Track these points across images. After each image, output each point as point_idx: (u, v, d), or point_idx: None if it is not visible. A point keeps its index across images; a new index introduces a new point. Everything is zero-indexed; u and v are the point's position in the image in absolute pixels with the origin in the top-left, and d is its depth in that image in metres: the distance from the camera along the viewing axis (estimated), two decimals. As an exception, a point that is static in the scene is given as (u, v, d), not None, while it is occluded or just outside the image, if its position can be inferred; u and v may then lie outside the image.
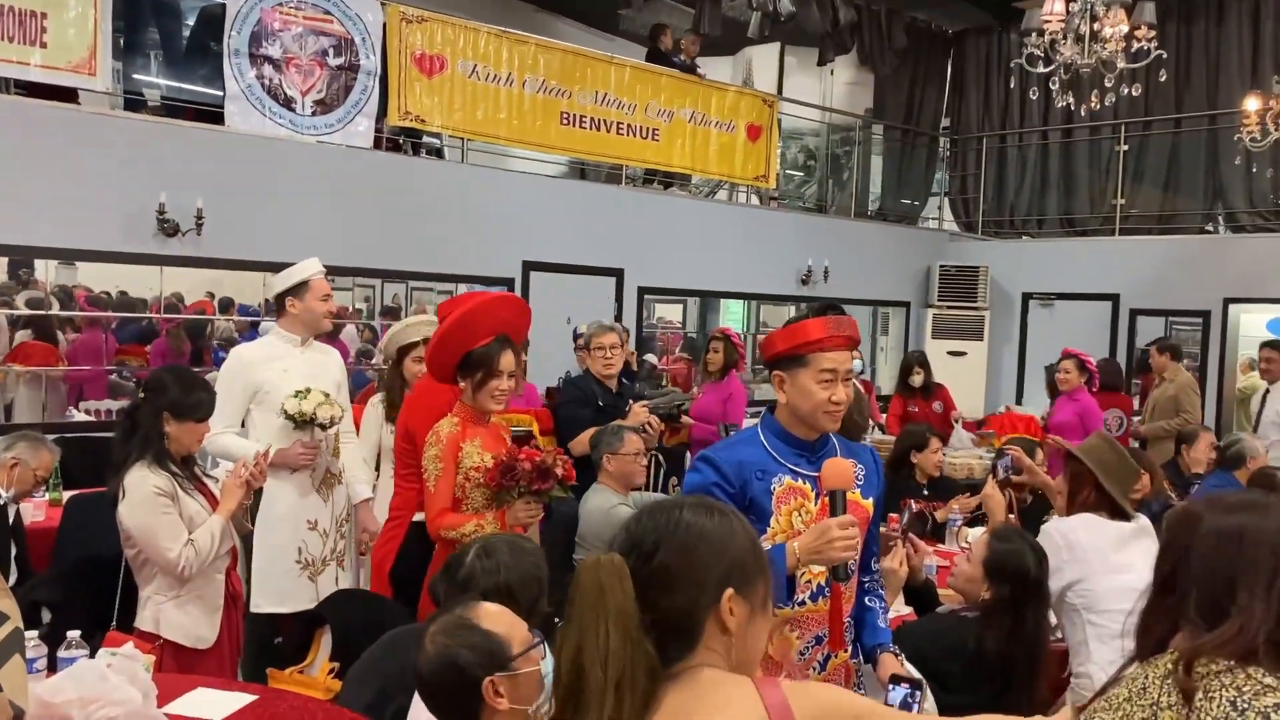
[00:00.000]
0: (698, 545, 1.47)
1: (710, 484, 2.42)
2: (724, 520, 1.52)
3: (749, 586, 1.49)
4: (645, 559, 1.46)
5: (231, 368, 4.17)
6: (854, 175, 11.70)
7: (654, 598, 1.44)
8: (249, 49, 6.59)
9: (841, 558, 2.28)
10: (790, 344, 2.47)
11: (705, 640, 1.46)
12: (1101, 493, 3.38)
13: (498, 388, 3.46)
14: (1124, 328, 10.13)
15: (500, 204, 7.75)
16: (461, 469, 3.38)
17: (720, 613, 1.45)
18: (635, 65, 8.77)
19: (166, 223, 6.08)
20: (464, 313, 3.47)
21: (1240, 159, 9.36)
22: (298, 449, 4.07)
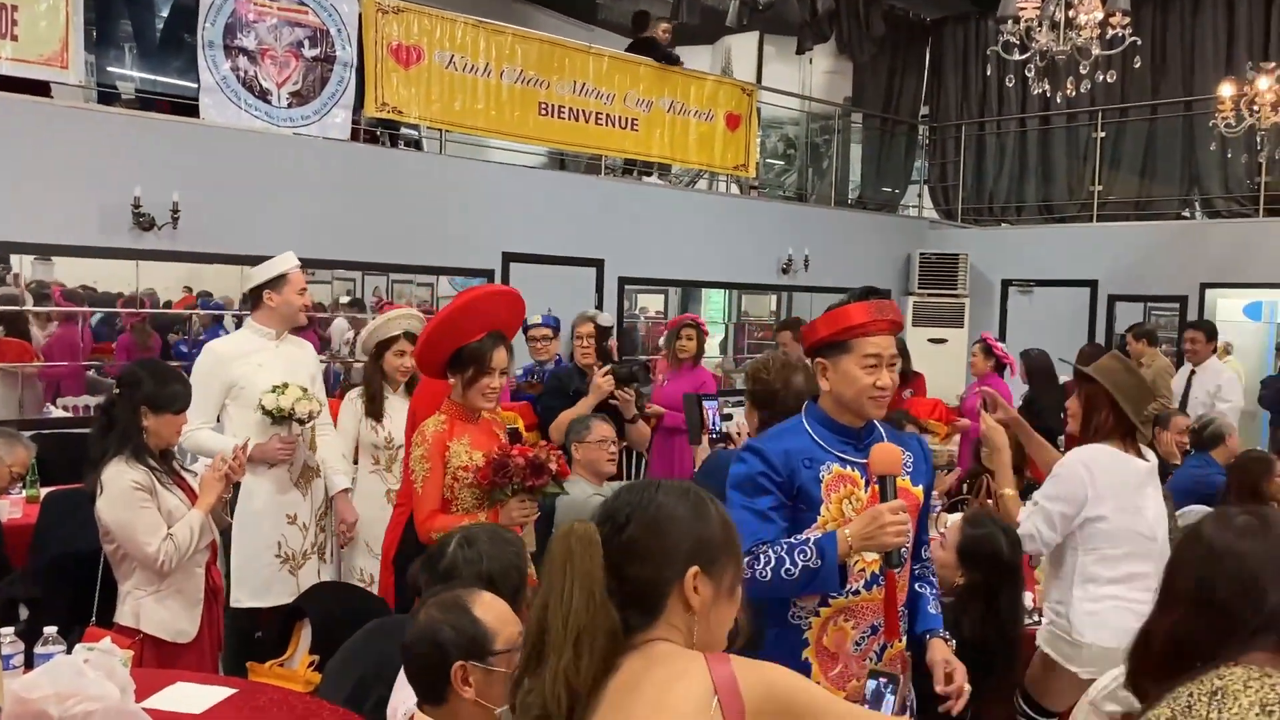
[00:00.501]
0: (667, 522, 1.54)
1: (756, 473, 2.39)
2: (698, 505, 1.57)
3: (715, 567, 1.54)
4: (618, 530, 1.53)
5: (206, 363, 4.14)
6: (833, 164, 11.72)
7: (622, 566, 1.51)
8: (223, 41, 6.54)
9: (894, 543, 2.26)
10: (832, 329, 2.44)
11: (668, 615, 1.52)
12: (1119, 415, 3.32)
13: (489, 385, 3.37)
14: (1102, 313, 10.20)
15: (479, 195, 7.73)
16: (449, 469, 3.30)
17: (684, 589, 1.51)
18: (613, 55, 8.76)
19: (142, 217, 6.04)
20: (457, 307, 3.39)
21: (1215, 145, 9.44)
22: (276, 444, 4.05)
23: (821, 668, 2.42)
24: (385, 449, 4.45)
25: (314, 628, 3.15)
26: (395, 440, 4.40)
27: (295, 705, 2.59)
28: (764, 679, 1.49)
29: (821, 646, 2.42)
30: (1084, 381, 3.44)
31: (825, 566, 2.26)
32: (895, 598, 2.44)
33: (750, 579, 2.25)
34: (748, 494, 2.41)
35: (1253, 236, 9.50)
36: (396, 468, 4.35)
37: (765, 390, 3.23)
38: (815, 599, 2.40)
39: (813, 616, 2.42)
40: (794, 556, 2.28)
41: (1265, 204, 9.76)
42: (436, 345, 3.40)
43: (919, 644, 2.54)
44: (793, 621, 2.43)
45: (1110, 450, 3.33)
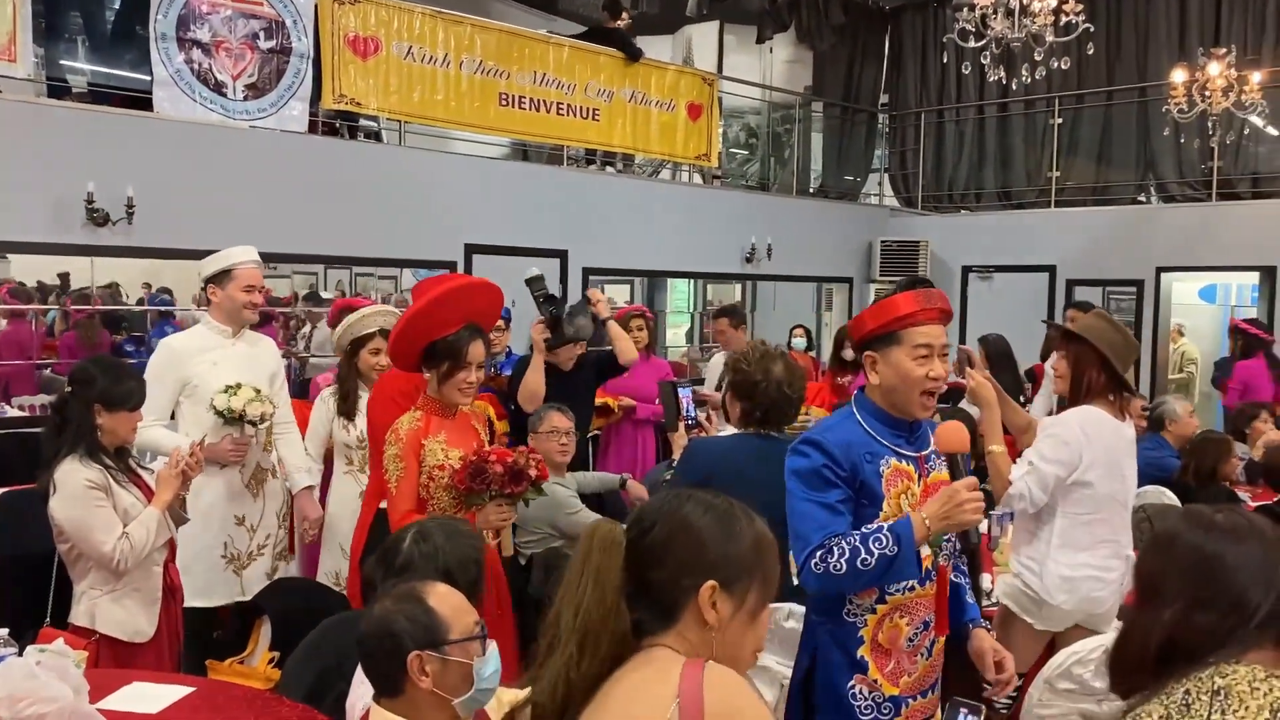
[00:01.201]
0: (689, 532, 1.55)
1: (820, 466, 2.34)
2: (728, 520, 1.58)
3: (736, 585, 1.54)
4: (643, 533, 1.57)
5: (160, 360, 4.03)
6: (795, 153, 11.76)
7: (641, 569, 1.55)
8: (177, 33, 6.44)
9: (973, 520, 2.24)
10: (881, 321, 2.40)
11: (681, 625, 1.53)
12: (1110, 373, 3.34)
13: (465, 380, 3.24)
14: (1061, 298, 10.31)
15: (440, 186, 7.68)
16: (424, 467, 3.17)
17: (700, 602, 1.51)
18: (574, 45, 8.72)
19: (96, 212, 5.95)
20: (431, 299, 3.25)
21: (1169, 130, 9.57)
22: (227, 445, 3.96)
23: (876, 664, 2.40)
24: (359, 449, 4.31)
25: (273, 624, 3.13)
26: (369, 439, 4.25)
27: (254, 702, 2.57)
28: (731, 696, 1.47)
29: (876, 643, 2.39)
30: (1071, 342, 3.46)
31: (903, 553, 2.23)
32: (946, 592, 2.42)
33: (824, 573, 2.26)
34: (814, 487, 2.35)
35: (1207, 220, 9.65)
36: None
37: (746, 381, 3.23)
38: (873, 595, 2.37)
39: (868, 614, 2.39)
40: (869, 546, 2.24)
41: (1218, 188, 9.91)
42: (410, 339, 3.27)
43: (961, 633, 2.53)
44: (848, 619, 2.40)
45: (1103, 414, 3.36)
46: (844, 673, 2.40)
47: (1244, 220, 9.46)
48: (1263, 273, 9.35)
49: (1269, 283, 9.27)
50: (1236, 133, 9.68)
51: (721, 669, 1.49)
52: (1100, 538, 3.37)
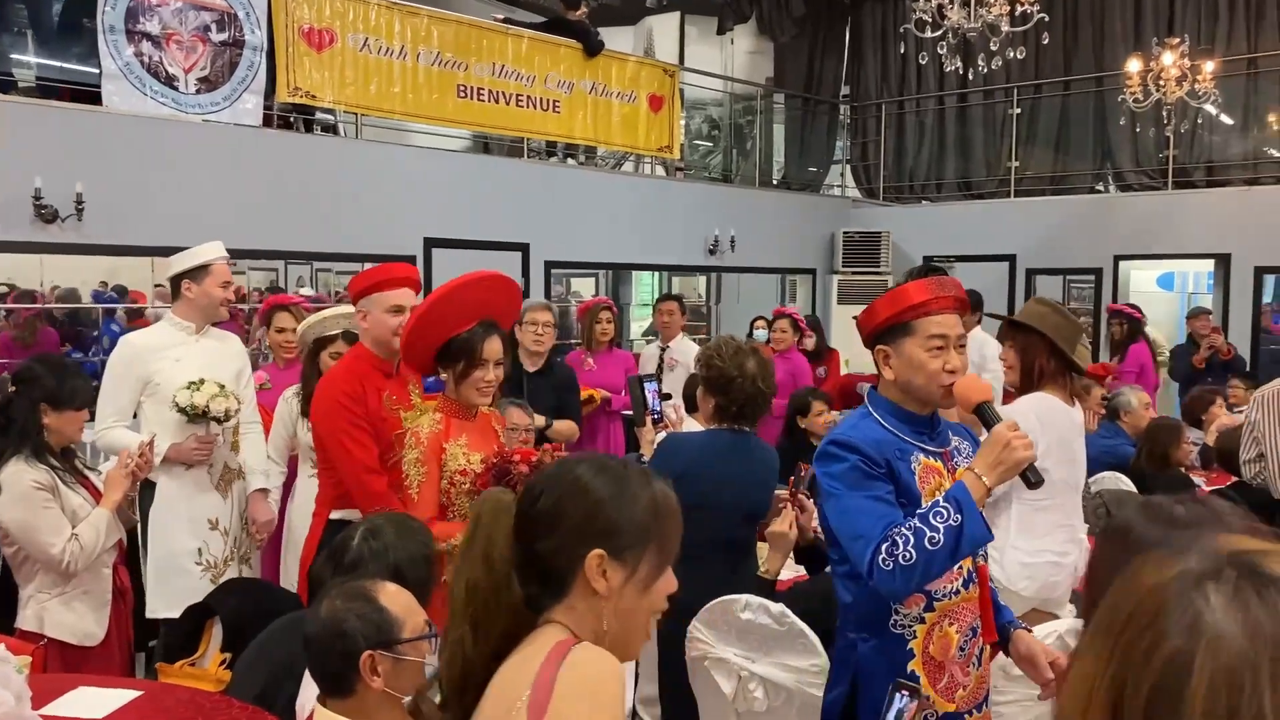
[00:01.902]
0: (576, 498, 1.50)
1: (856, 463, 2.19)
2: (623, 484, 1.52)
3: (627, 552, 1.48)
4: (533, 501, 1.52)
5: (121, 357, 3.90)
6: (757, 144, 11.77)
7: (530, 539, 1.51)
8: (125, 25, 6.33)
9: (1027, 457, 2.09)
10: (892, 311, 2.27)
11: (572, 596, 1.49)
12: (1059, 357, 3.34)
13: (482, 379, 3.10)
14: (1021, 287, 10.41)
15: (399, 180, 7.60)
16: (446, 472, 3.05)
17: (587, 571, 1.47)
18: (533, 36, 8.67)
19: (44, 209, 5.83)
20: (442, 295, 3.12)
21: (1125, 120, 9.67)
22: (192, 444, 3.83)
23: (930, 680, 2.23)
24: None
25: (225, 626, 3.08)
26: None
27: (203, 704, 2.53)
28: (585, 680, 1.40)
29: (928, 656, 2.23)
30: (1017, 331, 3.47)
31: (968, 516, 2.06)
32: (989, 594, 2.30)
33: (894, 568, 2.07)
34: (857, 485, 2.19)
35: (1163, 209, 9.76)
36: None
37: (721, 376, 3.22)
38: (920, 602, 2.21)
39: (918, 624, 2.23)
40: (931, 523, 2.06)
41: (1174, 177, 10.04)
42: (422, 336, 3.12)
43: (1002, 636, 2.35)
44: (895, 631, 2.23)
45: (1056, 400, 3.38)
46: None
47: (1199, 208, 9.59)
48: (1218, 260, 9.48)
49: (1224, 270, 9.40)
50: (1191, 122, 9.80)
51: (589, 653, 1.43)
52: (1056, 523, 3.40)
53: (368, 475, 3.31)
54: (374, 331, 3.47)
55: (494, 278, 3.30)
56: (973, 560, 2.26)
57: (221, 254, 4.05)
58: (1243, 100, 9.90)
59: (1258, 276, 9.23)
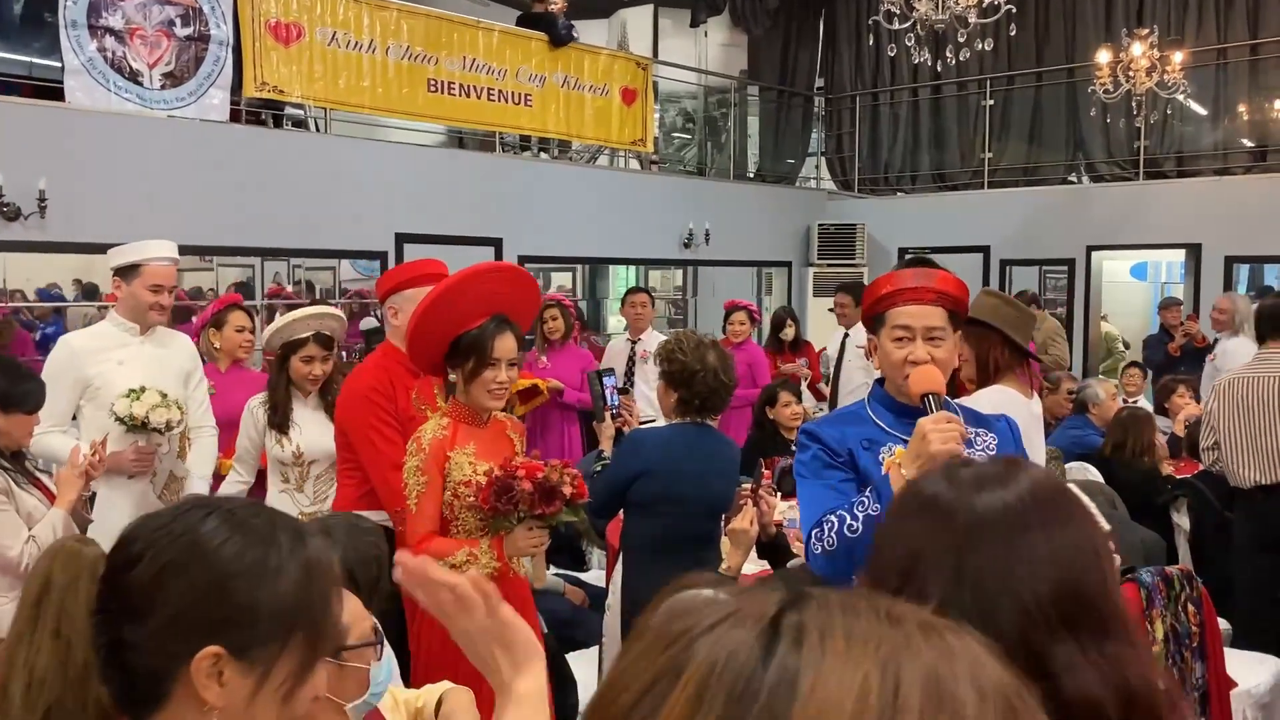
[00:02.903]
0: (190, 567, 1.07)
1: (816, 452, 2.28)
2: (264, 550, 1.09)
3: (258, 650, 1.06)
4: (126, 566, 1.08)
5: (58, 359, 3.71)
6: (732, 137, 11.75)
7: (119, 621, 1.06)
8: (88, 20, 6.25)
9: (941, 450, 2.03)
10: (867, 301, 2.34)
11: (173, 707, 1.06)
12: (1012, 347, 3.35)
13: (494, 380, 2.84)
14: (995, 278, 10.44)
15: (369, 175, 7.55)
16: (449, 482, 2.81)
17: (194, 675, 1.04)
18: (504, 30, 8.62)
19: (6, 206, 5.76)
20: (449, 286, 2.87)
21: (1097, 111, 9.70)
22: (130, 454, 3.63)
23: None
24: (295, 465, 3.84)
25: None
26: (306, 455, 3.82)
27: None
28: None
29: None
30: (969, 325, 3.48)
31: (885, 507, 2.02)
32: None
33: (822, 552, 2.16)
34: (814, 473, 2.29)
35: (1135, 199, 9.81)
36: (310, 486, 3.84)
37: (684, 370, 3.22)
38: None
39: None
40: (854, 511, 2.13)
41: (1145, 167, 10.09)
42: (428, 332, 2.89)
43: None
44: None
45: (1014, 392, 3.36)
46: None
47: (1171, 198, 9.64)
48: (1189, 250, 9.54)
49: (1195, 260, 9.46)
50: (1161, 112, 9.85)
51: None
52: None
53: (394, 472, 3.14)
54: (405, 329, 3.25)
55: (508, 269, 3.08)
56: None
57: (161, 254, 3.79)
58: (1212, 91, 9.95)
59: (1228, 266, 9.28)
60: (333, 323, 3.91)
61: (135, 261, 3.75)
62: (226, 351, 4.70)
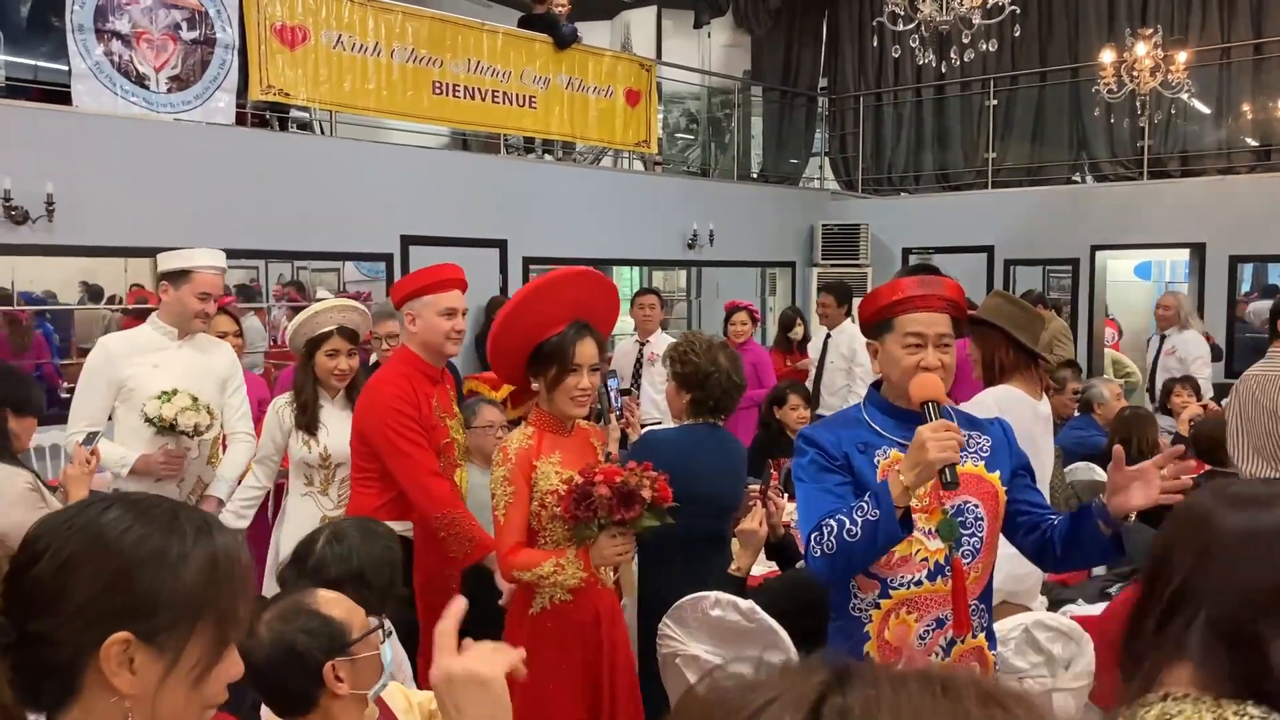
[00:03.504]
0: (94, 558, 1.09)
1: (814, 456, 2.30)
2: (166, 538, 1.11)
3: (166, 635, 1.09)
4: (29, 563, 1.10)
5: (95, 361, 3.71)
6: (735, 138, 11.76)
7: (22, 617, 1.08)
8: (95, 24, 6.27)
9: (938, 459, 2.06)
10: (875, 306, 2.33)
11: (86, 698, 1.08)
12: (1018, 348, 3.35)
13: (576, 386, 2.77)
14: (999, 278, 10.45)
15: (374, 177, 7.57)
16: (536, 493, 2.75)
17: (104, 663, 1.06)
18: (508, 32, 8.64)
19: (14, 210, 5.79)
20: (524, 296, 2.82)
21: (1100, 110, 9.72)
22: (159, 457, 3.64)
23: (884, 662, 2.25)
24: (321, 467, 3.75)
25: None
26: (333, 457, 3.72)
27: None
28: None
29: (884, 640, 2.30)
30: (975, 326, 3.50)
31: (884, 513, 2.10)
32: (964, 589, 2.28)
33: (821, 555, 2.17)
34: (815, 476, 2.30)
35: (1139, 199, 9.82)
36: (335, 490, 3.75)
37: (697, 371, 3.25)
38: (875, 589, 2.28)
39: (873, 609, 2.30)
40: (853, 516, 2.14)
41: (1149, 167, 10.09)
42: (509, 340, 2.82)
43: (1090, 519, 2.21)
44: (854, 614, 2.33)
45: (1019, 393, 3.38)
46: None
47: (1174, 198, 9.65)
48: (1193, 249, 9.54)
49: (1199, 259, 9.46)
50: (1165, 112, 9.86)
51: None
52: None
53: (431, 479, 3.15)
54: (424, 335, 3.31)
55: (587, 274, 2.99)
56: (946, 551, 2.25)
57: (211, 263, 3.82)
58: (1216, 90, 9.96)
59: (1232, 265, 9.29)
60: (356, 316, 3.84)
61: (186, 268, 3.77)
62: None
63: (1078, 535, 2.26)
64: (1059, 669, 2.91)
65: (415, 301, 3.35)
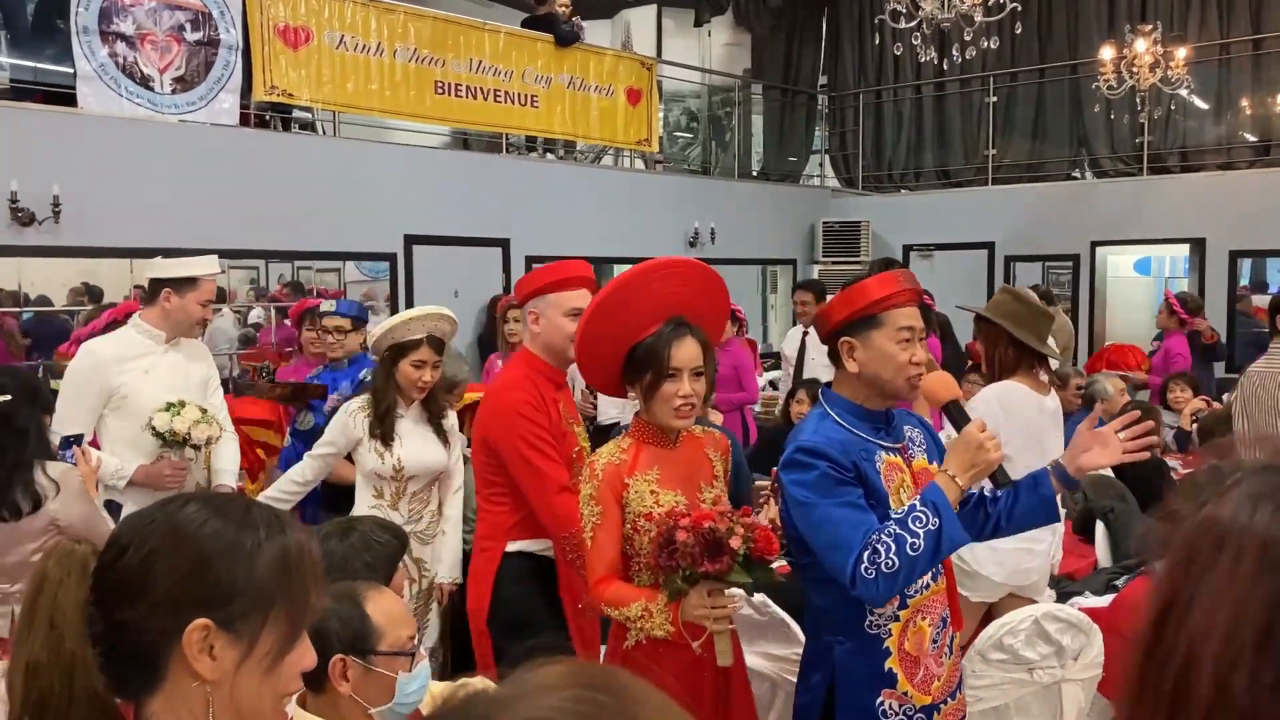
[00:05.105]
0: (177, 549, 1.15)
1: (826, 470, 2.15)
2: (241, 532, 1.18)
3: (242, 622, 1.15)
4: (118, 553, 1.17)
5: (83, 367, 3.63)
6: (736, 136, 11.79)
7: (111, 605, 1.15)
8: (99, 26, 6.30)
9: (999, 458, 2.12)
10: (864, 303, 2.24)
11: (170, 684, 1.15)
12: (1019, 346, 3.36)
13: (677, 394, 2.41)
14: (1000, 275, 10.48)
15: (378, 177, 7.59)
16: (629, 514, 2.41)
17: (186, 649, 1.13)
18: (510, 31, 8.67)
19: (20, 212, 5.81)
20: (609, 293, 2.47)
21: (1100, 107, 9.74)
22: (165, 469, 3.61)
23: (906, 674, 2.24)
24: (393, 479, 3.55)
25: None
26: (406, 470, 3.55)
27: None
28: None
29: (904, 653, 2.24)
30: (980, 324, 3.52)
31: (946, 519, 2.07)
32: (955, 583, 2.29)
33: (877, 576, 2.06)
34: (830, 492, 2.15)
35: (1139, 195, 9.84)
36: (405, 504, 3.57)
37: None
38: (895, 602, 2.22)
39: (892, 623, 2.23)
40: (911, 528, 2.06)
41: (1149, 163, 10.12)
42: (596, 346, 2.50)
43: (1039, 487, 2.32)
44: (870, 632, 2.23)
45: (1021, 388, 3.40)
46: (871, 691, 2.22)
47: (1174, 194, 9.67)
48: (1193, 245, 9.56)
49: (1199, 254, 9.49)
50: (1165, 108, 9.88)
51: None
52: None
53: (560, 497, 2.84)
54: (547, 336, 3.04)
55: (683, 264, 2.60)
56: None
57: (213, 270, 3.84)
58: (1215, 86, 9.99)
59: (1232, 260, 9.32)
60: (445, 325, 3.64)
61: (193, 275, 3.75)
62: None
63: (1022, 505, 2.33)
64: (1068, 660, 2.94)
65: (540, 300, 3.07)
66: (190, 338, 3.86)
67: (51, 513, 3.04)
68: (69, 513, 3.10)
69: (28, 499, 2.97)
